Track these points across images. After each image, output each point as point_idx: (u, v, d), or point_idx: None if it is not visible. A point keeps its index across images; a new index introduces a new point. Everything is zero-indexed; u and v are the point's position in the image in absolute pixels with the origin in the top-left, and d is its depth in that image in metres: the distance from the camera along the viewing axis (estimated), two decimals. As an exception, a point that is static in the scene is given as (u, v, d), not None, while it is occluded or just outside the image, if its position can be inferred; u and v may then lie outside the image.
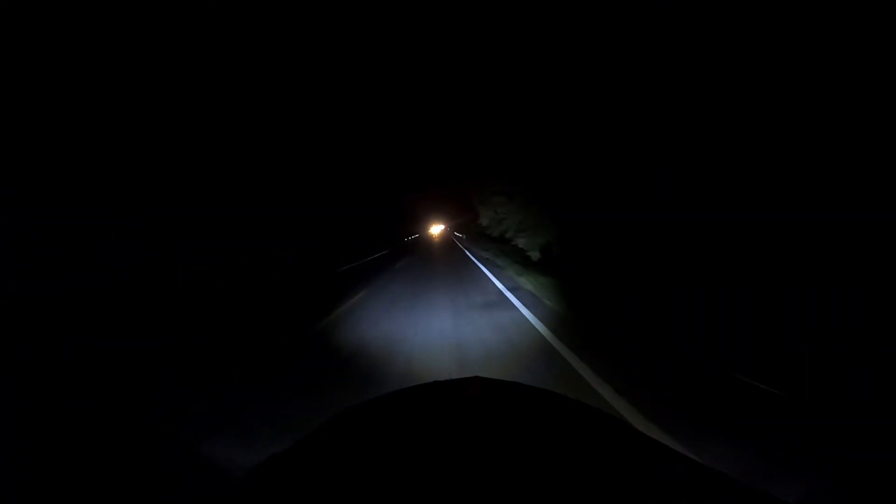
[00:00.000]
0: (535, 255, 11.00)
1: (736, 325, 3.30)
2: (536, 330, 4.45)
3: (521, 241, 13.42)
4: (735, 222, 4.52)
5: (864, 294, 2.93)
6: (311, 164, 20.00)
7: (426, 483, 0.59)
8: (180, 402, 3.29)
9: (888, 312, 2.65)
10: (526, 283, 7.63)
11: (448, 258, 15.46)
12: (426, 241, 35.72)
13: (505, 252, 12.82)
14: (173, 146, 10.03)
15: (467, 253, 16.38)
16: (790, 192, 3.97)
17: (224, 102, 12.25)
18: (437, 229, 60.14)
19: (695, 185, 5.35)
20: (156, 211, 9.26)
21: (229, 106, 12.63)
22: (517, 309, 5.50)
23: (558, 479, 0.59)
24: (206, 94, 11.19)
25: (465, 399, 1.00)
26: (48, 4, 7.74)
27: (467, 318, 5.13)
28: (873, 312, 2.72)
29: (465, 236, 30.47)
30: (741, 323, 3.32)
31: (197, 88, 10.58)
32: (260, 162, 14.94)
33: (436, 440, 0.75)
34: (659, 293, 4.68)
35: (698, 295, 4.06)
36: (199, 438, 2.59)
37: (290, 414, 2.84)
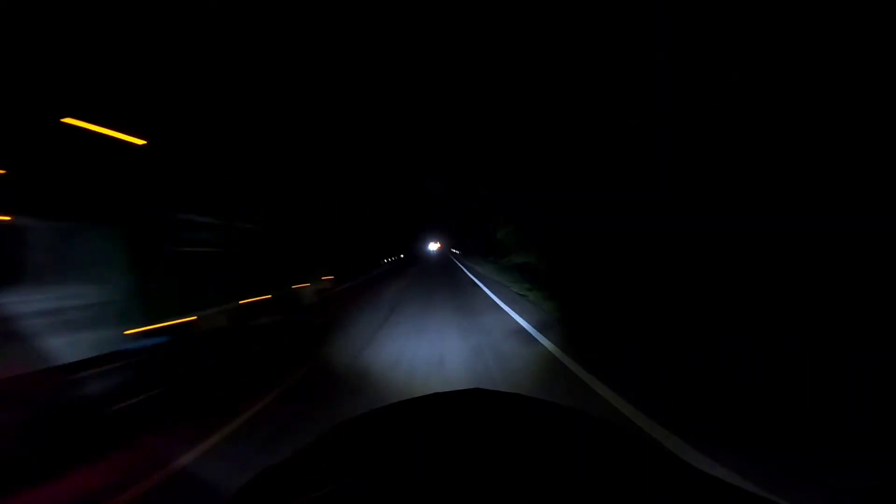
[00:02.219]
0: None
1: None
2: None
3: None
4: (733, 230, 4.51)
5: (864, 296, 2.93)
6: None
7: (425, 496, 0.59)
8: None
9: (888, 315, 2.65)
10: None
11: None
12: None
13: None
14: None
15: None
16: (788, 199, 3.97)
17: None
18: (434, 246, 54.24)
19: (693, 193, 5.34)
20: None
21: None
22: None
23: (560, 491, 0.58)
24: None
25: (466, 412, 0.98)
26: (48, 4, 7.72)
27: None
28: (873, 316, 2.71)
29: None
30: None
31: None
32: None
33: (435, 452, 0.74)
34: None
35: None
36: (194, 448, 2.54)
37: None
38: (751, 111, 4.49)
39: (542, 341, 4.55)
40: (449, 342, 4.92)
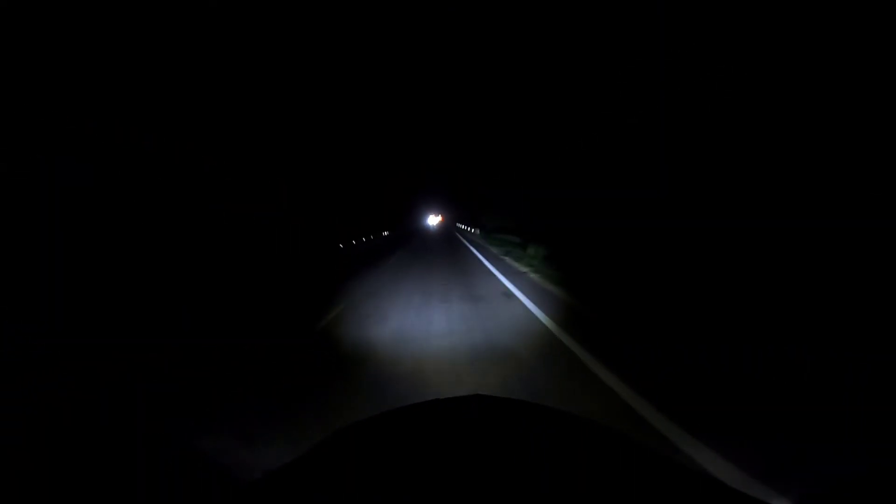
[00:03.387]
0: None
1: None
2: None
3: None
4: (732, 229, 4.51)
5: (864, 295, 2.93)
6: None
7: (426, 502, 0.59)
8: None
9: (888, 314, 2.65)
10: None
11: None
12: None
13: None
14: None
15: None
16: (788, 198, 3.97)
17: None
18: (434, 219, 42.40)
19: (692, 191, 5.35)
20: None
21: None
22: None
23: (560, 498, 0.58)
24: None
25: (466, 419, 0.97)
26: (49, 4, 7.72)
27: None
28: (874, 316, 2.72)
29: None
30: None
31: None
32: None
33: (435, 460, 0.73)
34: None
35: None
36: (200, 444, 2.57)
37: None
38: (750, 110, 4.49)
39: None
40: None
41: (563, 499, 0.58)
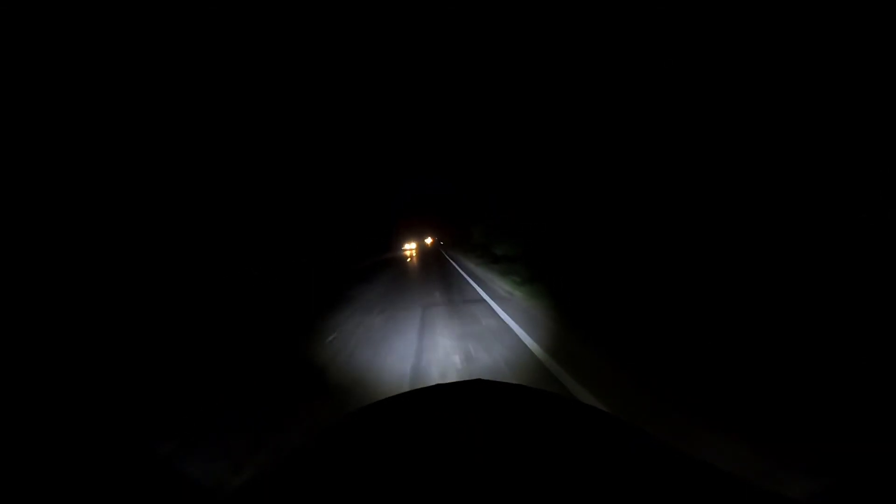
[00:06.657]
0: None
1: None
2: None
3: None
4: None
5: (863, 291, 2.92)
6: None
7: (428, 488, 0.59)
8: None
9: (887, 310, 2.64)
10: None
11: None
12: None
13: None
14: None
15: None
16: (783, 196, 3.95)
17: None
18: (411, 246, 36.57)
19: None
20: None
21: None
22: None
23: (561, 483, 0.58)
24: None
25: (468, 403, 0.98)
26: (49, 5, 7.71)
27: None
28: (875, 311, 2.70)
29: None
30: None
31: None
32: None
33: (437, 445, 0.74)
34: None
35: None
36: (182, 454, 2.50)
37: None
38: (746, 107, 4.48)
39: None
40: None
41: (565, 483, 0.58)
